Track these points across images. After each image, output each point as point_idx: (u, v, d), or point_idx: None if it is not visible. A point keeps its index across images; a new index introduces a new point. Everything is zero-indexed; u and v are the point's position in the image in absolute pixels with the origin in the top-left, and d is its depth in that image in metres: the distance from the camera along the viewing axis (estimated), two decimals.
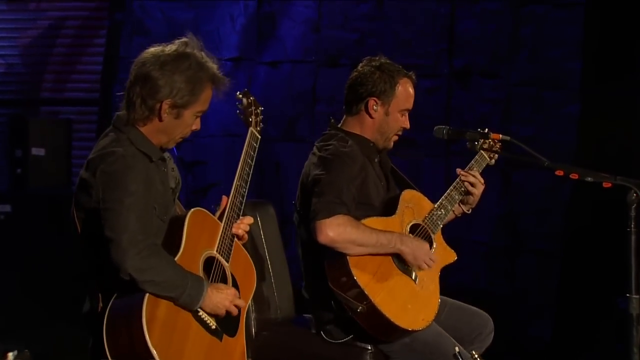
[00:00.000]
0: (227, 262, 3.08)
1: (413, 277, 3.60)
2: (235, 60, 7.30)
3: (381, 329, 3.52)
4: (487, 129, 3.73)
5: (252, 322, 3.69)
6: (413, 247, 3.54)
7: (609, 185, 3.14)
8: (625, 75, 5.78)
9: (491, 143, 3.96)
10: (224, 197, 3.20)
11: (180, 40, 3.13)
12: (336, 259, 3.48)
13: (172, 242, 2.96)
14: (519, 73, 6.23)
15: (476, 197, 3.82)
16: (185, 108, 3.08)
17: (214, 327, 2.98)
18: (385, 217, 3.62)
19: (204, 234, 3.07)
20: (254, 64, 7.24)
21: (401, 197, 3.69)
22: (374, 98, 3.69)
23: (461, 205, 3.84)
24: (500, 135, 3.80)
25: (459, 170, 3.84)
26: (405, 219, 3.66)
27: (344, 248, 3.44)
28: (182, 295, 2.89)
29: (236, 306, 3.03)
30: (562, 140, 6.04)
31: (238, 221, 3.16)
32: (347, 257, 3.46)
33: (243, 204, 3.17)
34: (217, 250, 3.06)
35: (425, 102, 6.35)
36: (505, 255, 6.17)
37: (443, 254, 3.74)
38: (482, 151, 3.87)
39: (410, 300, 3.57)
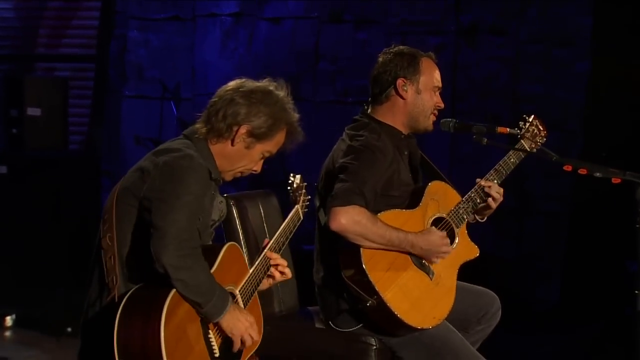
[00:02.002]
0: (244, 307, 3.16)
1: (429, 274, 3.62)
2: (236, 15, 7.28)
3: (390, 324, 3.56)
4: (496, 126, 3.67)
5: None
6: (425, 246, 3.56)
7: (618, 181, 3.14)
8: (636, 30, 5.77)
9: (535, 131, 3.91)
10: (266, 240, 3.35)
11: (271, 80, 3.24)
12: (350, 249, 3.51)
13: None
14: (527, 30, 6.22)
15: (492, 210, 3.80)
16: (258, 141, 3.15)
17: (217, 355, 3.03)
18: (407, 210, 3.63)
19: (233, 269, 3.14)
20: (254, 19, 7.22)
21: (427, 189, 3.69)
22: (402, 78, 3.69)
23: (475, 214, 3.81)
24: (508, 129, 3.77)
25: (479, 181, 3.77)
26: (428, 212, 3.67)
27: (354, 239, 3.47)
28: (208, 304, 2.93)
29: (244, 340, 3.09)
30: (571, 99, 6.05)
31: (277, 261, 3.30)
32: (361, 250, 3.49)
33: (270, 267, 3.32)
34: (239, 291, 3.16)
35: None
36: (513, 217, 6.20)
37: (465, 249, 3.74)
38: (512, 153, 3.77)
39: (424, 298, 3.58)
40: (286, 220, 3.40)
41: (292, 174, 3.54)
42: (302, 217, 3.48)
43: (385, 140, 3.65)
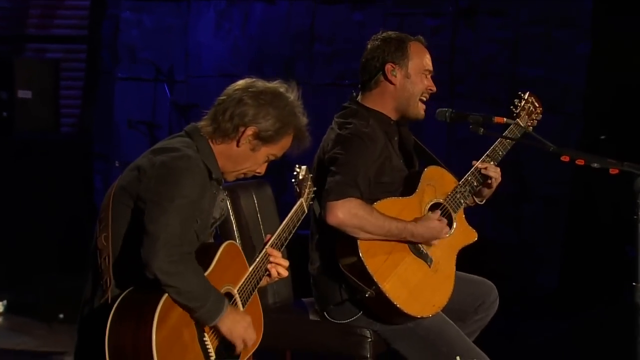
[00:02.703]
0: (243, 307, 3.13)
1: (427, 261, 3.63)
2: None
3: (389, 313, 3.56)
4: (493, 115, 3.66)
5: None
6: (425, 233, 3.57)
7: (616, 171, 3.14)
8: (638, 11, 5.76)
9: (531, 108, 3.92)
10: (269, 235, 3.29)
11: (283, 82, 3.19)
12: (347, 240, 3.50)
13: (199, 264, 2.98)
14: (527, 11, 6.21)
15: (492, 191, 3.81)
16: (264, 143, 3.12)
17: (212, 358, 3.00)
18: (403, 198, 3.63)
19: (231, 268, 3.11)
20: (249, 0, 7.20)
21: (423, 175, 3.68)
22: (390, 63, 3.68)
23: (474, 196, 3.82)
24: (505, 119, 3.77)
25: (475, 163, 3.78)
26: (425, 198, 3.67)
27: (352, 232, 3.47)
28: (201, 309, 2.91)
29: (245, 341, 3.07)
30: (571, 81, 6.04)
31: (277, 260, 3.24)
32: (358, 241, 3.49)
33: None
34: (238, 290, 3.13)
35: (429, 43, 6.32)
36: (511, 203, 6.20)
37: (463, 234, 3.73)
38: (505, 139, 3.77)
39: (422, 286, 3.58)
40: (289, 214, 3.33)
41: (297, 165, 3.46)
42: (306, 210, 3.41)
43: (375, 126, 3.64)
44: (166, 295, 2.86)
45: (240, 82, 3.16)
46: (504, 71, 6.27)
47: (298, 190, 3.43)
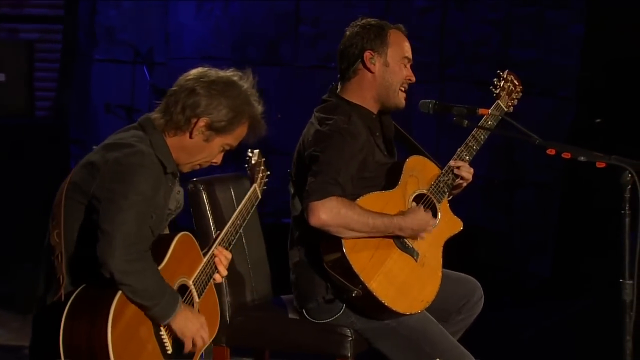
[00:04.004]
0: (199, 298, 3.17)
1: (414, 256, 3.62)
2: None
3: (377, 311, 3.56)
4: (477, 107, 3.66)
5: (227, 307, 3.69)
6: (414, 227, 3.57)
7: (603, 165, 3.15)
8: None
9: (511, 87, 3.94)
10: (217, 233, 3.33)
11: (236, 71, 3.21)
12: (331, 239, 3.50)
13: (153, 256, 3.02)
14: None
15: (460, 190, 3.83)
16: (218, 134, 3.15)
17: (169, 351, 3.05)
18: (386, 191, 3.62)
19: (185, 260, 3.15)
20: None
21: (405, 165, 3.67)
22: (368, 50, 3.68)
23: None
24: (489, 110, 3.79)
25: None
26: (408, 190, 3.66)
27: (337, 232, 3.46)
28: (156, 306, 2.96)
29: (195, 341, 3.11)
30: (565, 63, 6.05)
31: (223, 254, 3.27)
32: (343, 240, 3.48)
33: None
34: (192, 282, 3.16)
35: (419, 23, 6.33)
36: (503, 189, 6.22)
37: (448, 224, 3.73)
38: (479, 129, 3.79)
39: (410, 281, 3.59)
40: (243, 202, 3.39)
41: (250, 149, 3.49)
42: (259, 196, 3.46)
43: (357, 121, 3.63)
44: (120, 292, 2.90)
45: (193, 72, 3.18)
46: (495, 53, 6.27)
47: (251, 175, 3.47)
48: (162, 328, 3.03)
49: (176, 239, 3.10)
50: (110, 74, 7.67)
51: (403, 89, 3.74)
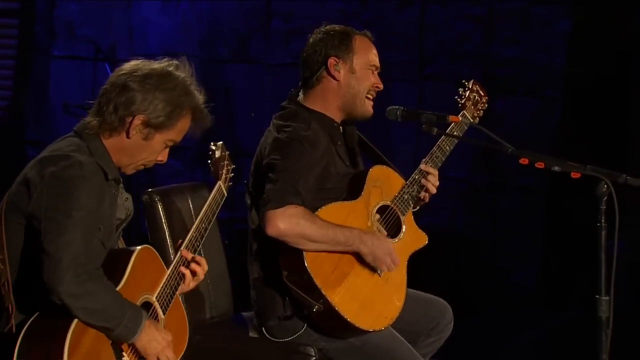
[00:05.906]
0: (164, 314, 3.10)
1: (378, 271, 3.61)
2: None
3: (339, 328, 3.54)
4: (448, 114, 3.67)
5: None
6: (373, 247, 3.54)
7: (578, 175, 3.14)
8: None
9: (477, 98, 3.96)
10: (180, 241, 3.24)
11: (171, 60, 3.13)
12: (291, 251, 3.47)
13: (111, 274, 2.94)
14: None
15: (425, 202, 3.83)
16: (157, 130, 3.07)
17: None
18: (348, 202, 3.61)
19: (147, 276, 3.08)
20: None
21: (368, 176, 3.66)
22: (333, 57, 3.68)
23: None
24: (460, 118, 3.81)
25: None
26: (371, 201, 3.66)
27: (295, 243, 3.44)
28: (119, 326, 2.88)
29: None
30: (551, 61, 6.06)
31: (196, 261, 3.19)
32: (304, 252, 3.47)
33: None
34: (156, 298, 3.09)
35: (397, 19, 6.32)
36: (486, 194, 6.22)
37: (413, 238, 3.74)
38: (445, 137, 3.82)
39: (374, 297, 3.58)
40: (207, 202, 3.31)
41: (212, 143, 3.43)
42: (225, 193, 3.39)
43: (317, 129, 3.62)
44: (76, 320, 2.81)
45: (126, 66, 3.10)
46: (477, 51, 6.27)
47: (214, 170, 3.39)
48: (124, 352, 2.95)
49: (135, 254, 3.02)
50: (69, 72, 7.62)
51: (370, 96, 3.74)
